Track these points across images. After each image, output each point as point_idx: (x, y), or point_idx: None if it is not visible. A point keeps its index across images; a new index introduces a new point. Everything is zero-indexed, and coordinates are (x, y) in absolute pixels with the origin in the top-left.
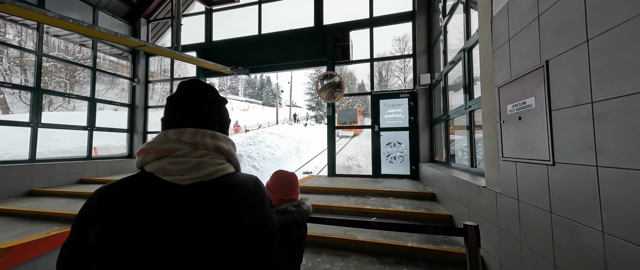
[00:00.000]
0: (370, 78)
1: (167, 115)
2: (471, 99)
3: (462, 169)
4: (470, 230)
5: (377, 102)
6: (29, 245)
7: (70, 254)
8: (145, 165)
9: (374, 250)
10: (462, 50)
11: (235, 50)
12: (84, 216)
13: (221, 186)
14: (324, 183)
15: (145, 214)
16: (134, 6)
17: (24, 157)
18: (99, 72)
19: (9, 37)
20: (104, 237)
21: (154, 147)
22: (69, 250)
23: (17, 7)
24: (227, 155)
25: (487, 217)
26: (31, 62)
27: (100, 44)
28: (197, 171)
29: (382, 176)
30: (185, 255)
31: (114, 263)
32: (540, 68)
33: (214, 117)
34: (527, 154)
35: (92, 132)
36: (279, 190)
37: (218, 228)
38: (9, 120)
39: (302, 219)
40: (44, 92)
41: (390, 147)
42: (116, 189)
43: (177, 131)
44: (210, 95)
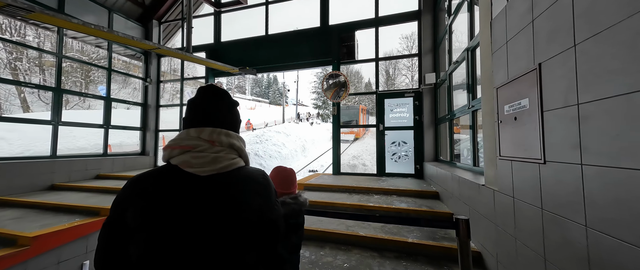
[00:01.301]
0: (375, 77)
1: (188, 116)
2: (474, 99)
3: (465, 168)
4: (462, 223)
5: (382, 101)
6: (53, 235)
7: (109, 231)
8: (171, 159)
9: (375, 245)
10: (466, 50)
11: (242, 51)
12: (122, 200)
13: (234, 178)
14: (328, 181)
15: (172, 200)
16: (146, 8)
17: (46, 153)
18: (114, 72)
19: (28, 39)
20: (139, 218)
21: (179, 143)
22: (109, 228)
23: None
24: (238, 151)
25: (486, 214)
26: (49, 62)
27: (115, 46)
28: (214, 164)
29: (387, 175)
30: (203, 235)
31: (148, 240)
32: (533, 70)
33: (227, 118)
34: (522, 153)
35: (108, 130)
36: (278, 184)
37: (231, 213)
38: (32, 118)
39: (300, 210)
40: (64, 92)
41: (395, 146)
42: (148, 178)
43: (197, 130)
44: (225, 99)
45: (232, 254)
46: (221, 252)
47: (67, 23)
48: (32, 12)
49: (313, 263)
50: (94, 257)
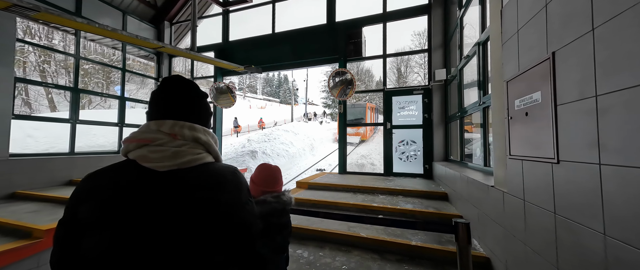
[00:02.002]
0: (383, 75)
1: (150, 108)
2: (485, 95)
3: (476, 168)
4: (461, 228)
5: (389, 99)
6: None
7: (64, 229)
8: (128, 153)
9: (376, 247)
10: (476, 44)
11: (249, 50)
12: (75, 196)
13: (197, 174)
14: (333, 180)
15: (127, 197)
16: (158, 10)
17: (66, 150)
18: (128, 72)
19: (55, 43)
20: (92, 215)
21: (136, 137)
22: (63, 227)
23: (53, 15)
24: (205, 145)
25: (495, 218)
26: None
27: (129, 47)
28: (174, 159)
29: (394, 174)
30: (161, 235)
31: (102, 239)
32: (546, 60)
33: (193, 110)
34: (533, 152)
35: (122, 128)
36: (262, 183)
37: (191, 211)
38: (52, 116)
39: (283, 209)
40: (81, 92)
41: (403, 145)
42: (103, 173)
43: (157, 122)
44: (190, 90)
45: (193, 255)
46: (180, 253)
47: (71, 22)
48: (37, 11)
49: (311, 264)
50: (50, 259)
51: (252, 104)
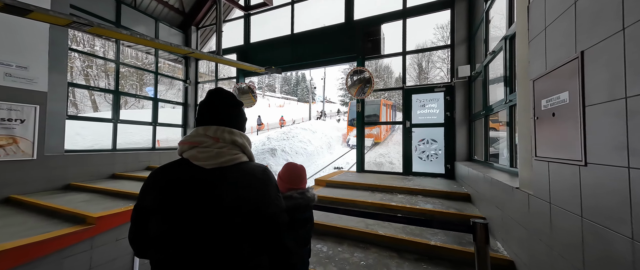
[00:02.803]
0: (402, 72)
1: (198, 116)
2: (512, 93)
3: (501, 169)
4: (479, 228)
5: (409, 97)
6: (112, 217)
7: (136, 213)
8: (183, 153)
9: (394, 245)
10: (503, 39)
11: (269, 51)
12: (144, 187)
13: (234, 172)
14: (351, 178)
15: (180, 189)
16: (186, 16)
17: (108, 147)
18: (160, 75)
19: (96, 49)
20: (154, 203)
21: (188, 140)
22: (136, 211)
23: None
24: (241, 147)
25: (519, 220)
26: (112, 68)
27: (161, 51)
28: (217, 159)
29: (414, 174)
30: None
31: (161, 221)
32: (575, 59)
33: (231, 117)
34: (560, 153)
35: (155, 127)
36: (288, 180)
37: (227, 203)
38: (97, 117)
39: (307, 205)
40: (121, 94)
41: (424, 144)
42: (164, 169)
43: (204, 127)
44: (229, 100)
45: (228, 241)
46: (218, 237)
47: (119, 34)
48: (91, 26)
49: (330, 258)
50: (128, 234)
51: (271, 102)
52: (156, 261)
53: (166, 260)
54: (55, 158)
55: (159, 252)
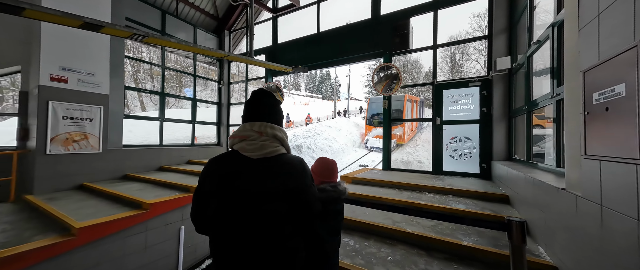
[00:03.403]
0: (433, 66)
1: (244, 113)
2: (559, 86)
3: (546, 169)
4: (515, 226)
5: (440, 92)
6: (162, 204)
7: (197, 196)
8: (233, 145)
9: (422, 243)
10: (550, 26)
11: (295, 50)
12: (202, 175)
13: (275, 161)
14: (377, 176)
15: (233, 174)
16: (219, 21)
17: (155, 142)
18: (198, 77)
19: (143, 54)
20: (210, 187)
21: (238, 134)
22: (196, 194)
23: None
24: (280, 140)
25: (565, 224)
26: (156, 72)
27: (198, 55)
28: (261, 150)
29: (444, 173)
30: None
31: (217, 202)
32: (633, 48)
33: (272, 114)
34: (614, 151)
35: (194, 125)
36: (320, 173)
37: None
38: (147, 116)
39: (338, 198)
40: (166, 95)
41: (456, 142)
42: (218, 159)
43: (250, 123)
44: (270, 99)
45: (271, 221)
46: (263, 218)
47: (166, 42)
48: (147, 36)
49: (356, 251)
50: (190, 213)
51: (296, 100)
52: (213, 236)
53: (221, 235)
54: (116, 152)
55: (216, 228)
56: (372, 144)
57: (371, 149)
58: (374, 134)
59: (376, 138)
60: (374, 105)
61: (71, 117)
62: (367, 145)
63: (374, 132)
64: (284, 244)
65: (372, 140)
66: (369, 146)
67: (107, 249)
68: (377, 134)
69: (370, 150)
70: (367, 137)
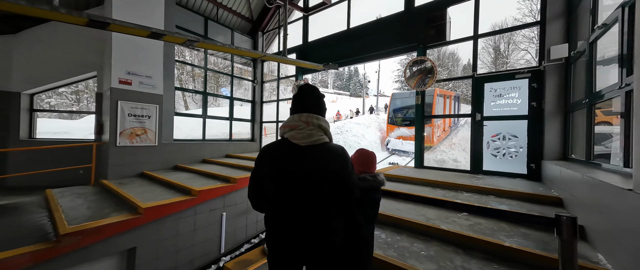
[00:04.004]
0: (473, 58)
1: (293, 105)
2: (629, 75)
3: (610, 169)
4: (565, 222)
5: (480, 86)
6: (207, 192)
7: (253, 178)
8: (284, 134)
9: (459, 241)
10: (620, 7)
11: (326, 48)
12: (258, 159)
13: (321, 148)
14: (409, 173)
15: (285, 159)
16: (253, 23)
17: (199, 137)
18: (235, 77)
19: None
20: (265, 169)
21: (288, 124)
22: (253, 177)
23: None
24: (324, 130)
25: (631, 229)
26: (197, 73)
27: (235, 56)
28: (309, 138)
29: (484, 173)
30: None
31: (272, 183)
32: None
33: (317, 106)
34: None
35: (232, 122)
36: (360, 163)
37: (316, 172)
38: (192, 113)
39: (377, 187)
40: (208, 95)
41: (499, 139)
42: (272, 146)
43: (299, 114)
44: (316, 93)
45: (317, 201)
46: (310, 198)
47: (214, 46)
48: (198, 42)
49: (388, 244)
50: (247, 193)
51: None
52: (268, 213)
53: (275, 212)
54: (168, 145)
55: (270, 205)
56: (394, 146)
57: (393, 151)
58: (396, 135)
59: (399, 139)
60: (398, 101)
61: (134, 115)
62: (388, 147)
63: (397, 133)
64: (327, 223)
65: (394, 141)
66: (391, 148)
67: (166, 227)
68: (400, 134)
69: (392, 152)
70: (388, 138)
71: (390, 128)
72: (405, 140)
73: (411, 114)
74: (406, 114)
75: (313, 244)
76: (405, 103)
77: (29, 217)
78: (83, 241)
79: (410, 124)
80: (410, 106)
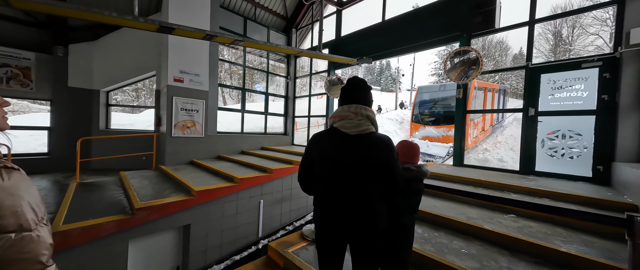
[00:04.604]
0: (528, 46)
1: (342, 97)
2: None
3: None
4: (637, 224)
5: (536, 77)
6: (247, 180)
7: (304, 162)
8: (333, 124)
9: (505, 243)
10: None
11: (359, 42)
12: (309, 145)
13: (368, 137)
14: (447, 171)
15: (334, 146)
16: (288, 20)
17: (238, 130)
18: (270, 74)
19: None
20: (317, 154)
21: (338, 114)
22: (304, 160)
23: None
24: (371, 121)
25: None
26: (234, 71)
27: (270, 54)
28: (357, 128)
29: (537, 174)
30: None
31: (321, 167)
32: None
33: (365, 98)
34: None
35: (267, 116)
36: (403, 154)
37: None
38: (230, 108)
39: (420, 178)
40: (247, 91)
41: (558, 138)
42: (322, 134)
43: (348, 106)
44: (364, 85)
45: (364, 185)
46: (358, 184)
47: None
48: (242, 41)
49: (426, 239)
50: (297, 174)
51: None
52: (317, 194)
53: (324, 194)
54: (213, 137)
55: (319, 188)
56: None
57: None
58: (421, 135)
59: (424, 140)
60: (426, 95)
61: (185, 109)
62: None
63: (422, 132)
64: (371, 206)
65: (418, 143)
66: None
67: (213, 209)
68: (425, 134)
69: None
70: (411, 138)
71: (415, 127)
72: (431, 141)
73: (439, 109)
74: (433, 110)
75: (357, 224)
76: (433, 97)
77: (110, 193)
78: (151, 215)
79: (439, 122)
80: (439, 100)
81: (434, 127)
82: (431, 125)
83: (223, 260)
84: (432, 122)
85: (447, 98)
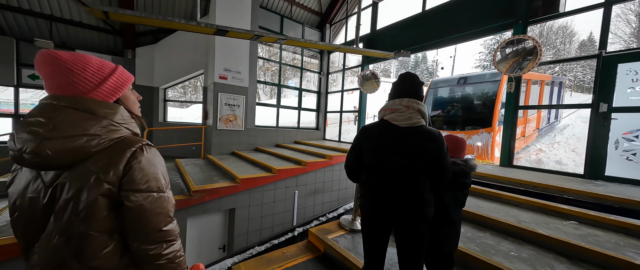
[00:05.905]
0: (601, 31)
1: (392, 91)
2: None
3: None
4: None
5: (611, 68)
6: (284, 171)
7: (354, 151)
8: (384, 116)
9: (561, 249)
10: None
11: (395, 34)
12: (359, 137)
13: (419, 130)
14: (494, 171)
15: (384, 137)
16: (322, 16)
17: (273, 125)
18: (304, 70)
19: (260, 53)
20: (367, 144)
21: (389, 107)
22: (353, 150)
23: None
24: (422, 114)
25: None
26: (267, 67)
27: (305, 50)
28: (409, 121)
29: (606, 179)
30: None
31: (370, 157)
32: None
33: (416, 92)
34: None
35: (300, 111)
36: (449, 149)
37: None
38: (266, 103)
39: (468, 172)
40: (282, 86)
41: (638, 138)
42: (372, 126)
43: (400, 99)
44: (415, 80)
45: (413, 176)
46: (408, 173)
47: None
48: (285, 40)
49: (469, 239)
50: (345, 163)
51: (386, 88)
52: (366, 182)
53: (373, 182)
54: (251, 130)
55: (368, 176)
56: None
57: None
58: None
59: None
60: (441, 91)
61: (228, 104)
62: None
63: None
64: (420, 194)
65: None
66: None
67: (254, 196)
68: None
69: None
70: None
71: None
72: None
73: (458, 110)
74: (451, 111)
75: (407, 209)
76: (451, 94)
77: (170, 177)
78: (204, 198)
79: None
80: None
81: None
82: (446, 130)
83: (263, 243)
84: (448, 126)
85: (469, 95)
